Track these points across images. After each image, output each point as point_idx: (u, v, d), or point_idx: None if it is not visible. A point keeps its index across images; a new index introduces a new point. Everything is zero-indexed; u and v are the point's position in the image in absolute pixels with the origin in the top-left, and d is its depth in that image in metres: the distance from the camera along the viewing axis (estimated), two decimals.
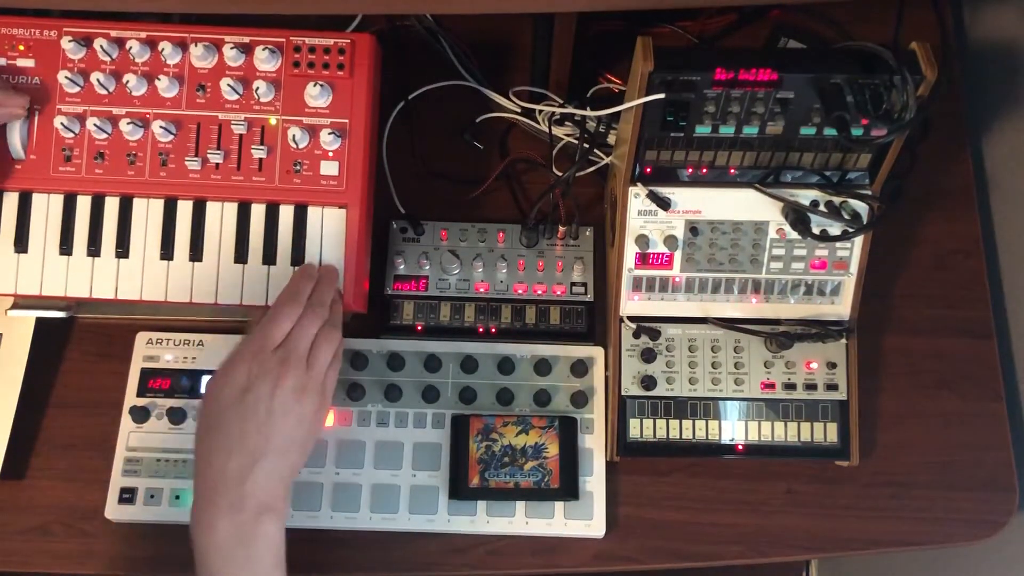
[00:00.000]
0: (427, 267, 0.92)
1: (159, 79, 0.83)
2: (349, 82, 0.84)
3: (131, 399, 0.87)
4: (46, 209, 0.84)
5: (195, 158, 0.83)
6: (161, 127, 0.82)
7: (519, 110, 0.97)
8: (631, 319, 0.86)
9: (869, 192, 0.82)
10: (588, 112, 0.91)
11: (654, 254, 0.84)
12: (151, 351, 0.88)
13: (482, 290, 0.91)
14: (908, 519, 0.87)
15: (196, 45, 0.83)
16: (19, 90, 0.82)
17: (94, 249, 0.84)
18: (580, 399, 0.87)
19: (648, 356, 0.85)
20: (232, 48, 0.83)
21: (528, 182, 0.98)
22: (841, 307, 0.86)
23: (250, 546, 0.68)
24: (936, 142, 0.97)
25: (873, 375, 0.91)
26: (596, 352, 0.89)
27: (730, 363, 0.86)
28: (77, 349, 0.90)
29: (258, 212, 0.84)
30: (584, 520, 0.84)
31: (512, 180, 0.98)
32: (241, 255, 0.84)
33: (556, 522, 0.84)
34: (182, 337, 0.89)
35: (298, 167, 0.83)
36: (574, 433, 0.85)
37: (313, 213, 0.84)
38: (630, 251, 0.84)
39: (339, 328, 0.78)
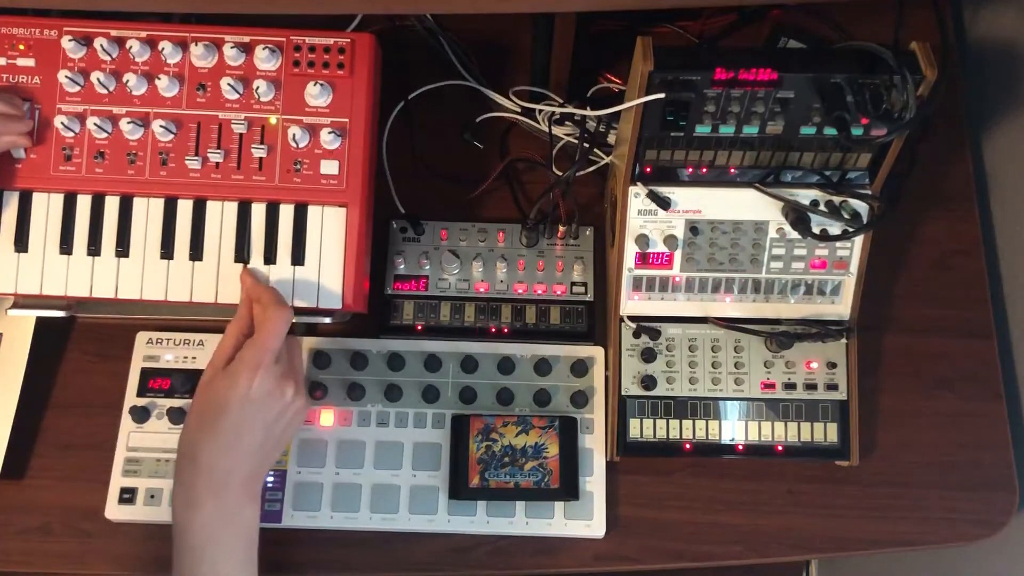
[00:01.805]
0: (427, 267, 0.91)
1: (159, 78, 0.83)
2: (349, 81, 0.84)
3: (131, 399, 0.87)
4: (46, 208, 0.84)
5: (195, 157, 0.83)
6: (161, 126, 0.82)
7: (519, 110, 0.97)
8: (631, 319, 0.86)
9: (869, 192, 0.82)
10: (588, 112, 0.91)
11: (654, 254, 0.84)
12: (151, 351, 0.88)
13: (482, 290, 0.91)
14: (908, 519, 0.87)
15: (196, 44, 0.83)
16: (19, 118, 0.81)
17: (94, 248, 0.84)
18: (580, 399, 0.87)
19: (648, 356, 0.85)
20: (232, 47, 0.83)
21: (528, 182, 0.98)
22: (841, 307, 0.86)
23: (232, 527, 0.72)
24: (936, 142, 0.97)
25: (873, 375, 0.91)
26: (596, 352, 0.89)
27: (730, 363, 0.86)
28: (77, 349, 0.90)
29: (258, 211, 0.84)
30: (584, 520, 0.84)
31: (512, 180, 0.98)
32: (241, 254, 0.84)
33: (556, 522, 0.84)
34: (182, 337, 0.89)
35: (298, 166, 0.83)
36: (574, 433, 0.85)
37: (313, 212, 0.84)
38: (630, 251, 0.84)
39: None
